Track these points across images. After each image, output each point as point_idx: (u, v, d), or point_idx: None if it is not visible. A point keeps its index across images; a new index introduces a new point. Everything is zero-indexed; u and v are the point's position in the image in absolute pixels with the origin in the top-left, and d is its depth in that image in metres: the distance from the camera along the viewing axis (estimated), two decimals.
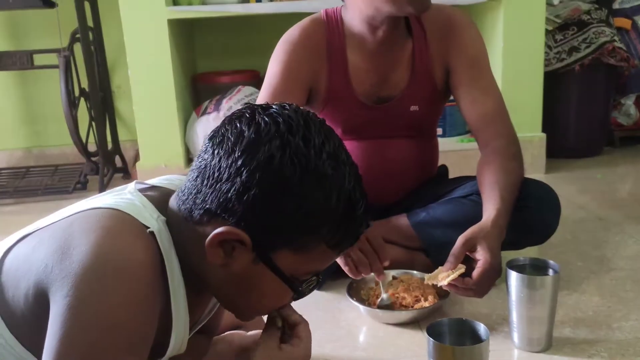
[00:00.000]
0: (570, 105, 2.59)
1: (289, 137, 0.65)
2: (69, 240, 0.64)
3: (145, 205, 0.71)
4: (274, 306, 0.76)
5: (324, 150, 0.66)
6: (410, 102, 1.45)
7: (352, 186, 0.68)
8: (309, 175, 0.65)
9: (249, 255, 0.68)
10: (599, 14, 2.53)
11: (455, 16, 1.43)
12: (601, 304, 1.31)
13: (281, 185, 0.65)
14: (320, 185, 0.65)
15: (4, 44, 2.65)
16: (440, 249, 1.28)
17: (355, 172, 0.70)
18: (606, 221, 1.86)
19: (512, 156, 1.34)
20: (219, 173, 0.66)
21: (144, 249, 0.66)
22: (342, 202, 0.67)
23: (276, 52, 1.41)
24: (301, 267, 0.70)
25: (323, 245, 0.68)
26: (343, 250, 0.72)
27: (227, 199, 0.65)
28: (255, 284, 0.70)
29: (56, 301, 0.61)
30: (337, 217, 0.67)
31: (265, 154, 0.65)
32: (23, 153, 2.85)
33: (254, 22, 2.61)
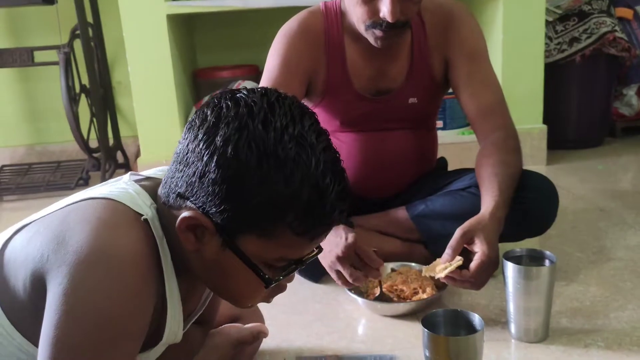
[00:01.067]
0: (572, 97, 2.58)
1: (247, 120, 0.64)
2: (64, 230, 0.65)
3: (139, 193, 0.72)
4: (253, 295, 0.74)
5: (286, 133, 0.64)
6: (408, 95, 1.45)
7: (321, 171, 0.64)
8: (267, 158, 0.63)
9: (216, 240, 0.67)
10: (600, 4, 2.52)
11: (454, 8, 1.43)
12: (599, 294, 1.31)
13: (238, 169, 0.63)
14: (280, 170, 0.63)
15: (4, 41, 2.66)
16: (439, 241, 1.28)
17: (328, 157, 0.66)
18: (606, 212, 1.86)
19: (510, 149, 1.34)
20: (186, 157, 0.67)
21: (139, 240, 0.66)
22: (307, 188, 0.63)
23: (275, 45, 1.41)
24: (269, 253, 0.68)
25: (289, 233, 0.65)
26: (315, 237, 0.68)
27: (191, 182, 0.66)
28: (228, 271, 0.69)
29: (52, 289, 0.62)
30: (301, 203, 0.64)
31: (222, 137, 0.64)
32: (25, 150, 2.86)
33: (253, 17, 2.61)
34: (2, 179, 2.60)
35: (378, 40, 1.29)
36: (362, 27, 1.30)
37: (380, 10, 1.23)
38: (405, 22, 1.27)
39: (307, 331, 1.24)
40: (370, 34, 1.30)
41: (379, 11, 1.24)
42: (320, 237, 0.70)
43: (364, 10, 1.26)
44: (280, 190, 0.63)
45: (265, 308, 1.16)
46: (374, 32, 1.28)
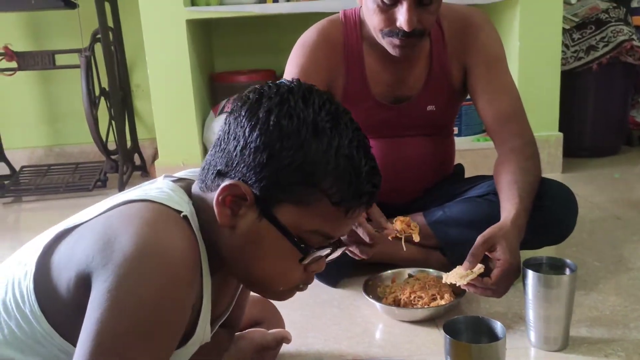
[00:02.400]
0: (588, 104, 2.57)
1: (288, 96, 0.69)
2: (109, 231, 0.66)
3: (175, 191, 0.74)
4: (286, 274, 0.74)
5: (323, 109, 0.69)
6: (427, 102, 1.45)
7: (355, 146, 0.69)
8: (306, 127, 0.68)
9: (253, 212, 0.69)
10: (617, 12, 2.51)
11: (472, 16, 1.43)
12: (618, 304, 1.31)
13: (279, 136, 0.67)
14: (318, 139, 0.67)
15: (26, 45, 2.70)
16: (456, 247, 1.28)
17: (360, 137, 0.71)
18: (624, 220, 1.85)
19: (529, 156, 1.34)
20: (228, 136, 0.71)
21: (183, 237, 0.68)
22: (342, 158, 0.68)
23: (293, 54, 1.42)
24: (305, 223, 0.69)
25: (326, 201, 0.68)
26: (349, 210, 0.70)
27: (232, 157, 0.69)
28: (263, 244, 0.70)
29: (96, 287, 0.63)
30: (337, 171, 0.68)
31: (264, 110, 0.69)
32: (44, 151, 2.90)
33: (270, 22, 2.63)
34: (22, 179, 2.64)
35: (396, 48, 1.30)
36: (379, 35, 1.31)
37: (397, 19, 1.24)
38: (423, 31, 1.28)
39: (325, 335, 1.25)
40: (387, 42, 1.31)
41: (395, 20, 1.25)
42: (354, 212, 0.72)
43: (380, 19, 1.27)
44: (317, 157, 0.67)
45: (284, 312, 1.17)
46: (392, 41, 1.29)
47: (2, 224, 2.25)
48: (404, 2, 1.22)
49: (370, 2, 1.27)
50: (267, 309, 1.12)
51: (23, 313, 0.70)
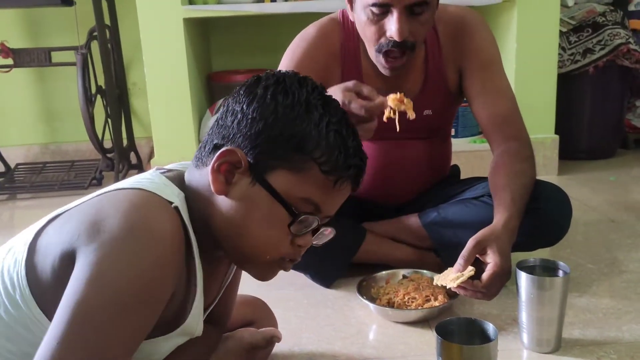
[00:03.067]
0: (584, 107, 2.58)
1: (284, 78, 0.76)
2: (97, 212, 0.68)
3: (166, 183, 0.75)
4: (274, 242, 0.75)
5: (316, 91, 0.76)
6: (423, 107, 1.45)
7: (343, 123, 0.76)
8: (300, 103, 0.74)
9: (247, 178, 0.73)
10: (614, 15, 2.52)
11: (467, 17, 1.43)
12: (611, 306, 1.31)
13: (274, 109, 0.73)
14: (310, 114, 0.74)
15: (22, 42, 2.69)
16: (451, 249, 1.28)
17: (346, 119, 0.77)
18: (618, 223, 1.86)
19: (524, 158, 1.34)
20: (225, 114, 0.76)
21: (171, 221, 0.69)
22: (332, 132, 0.73)
23: (290, 48, 1.42)
24: (297, 189, 0.73)
25: (316, 169, 0.73)
26: (338, 181, 0.75)
27: (228, 130, 0.75)
28: (254, 210, 0.73)
29: (80, 261, 0.64)
30: (327, 142, 0.73)
31: (262, 87, 0.75)
32: (40, 149, 2.89)
33: (268, 22, 2.63)
34: (17, 177, 2.63)
35: (386, 69, 1.30)
36: (373, 51, 1.30)
37: (388, 29, 1.24)
38: (414, 43, 1.27)
39: (318, 336, 1.24)
40: (378, 63, 1.31)
41: (386, 31, 1.24)
42: (342, 184, 0.76)
43: (372, 31, 1.26)
44: (309, 128, 0.73)
45: (277, 312, 1.17)
46: (382, 62, 1.29)
47: None
48: (394, 11, 1.21)
49: (361, 15, 1.26)
50: (260, 309, 1.12)
51: (12, 299, 0.70)
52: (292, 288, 1.46)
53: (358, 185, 0.79)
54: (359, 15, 1.28)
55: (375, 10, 1.22)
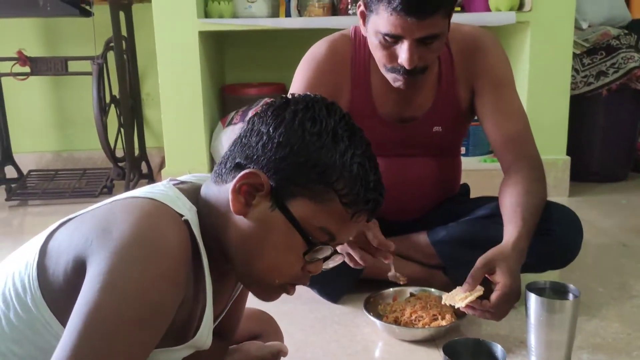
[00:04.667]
0: (596, 129, 2.56)
1: (313, 104, 0.75)
2: (109, 219, 0.68)
3: (178, 196, 0.76)
4: (286, 267, 0.76)
5: (343, 121, 0.75)
6: (433, 123, 1.45)
7: (367, 157, 0.75)
8: (327, 132, 0.73)
9: (266, 202, 0.73)
10: (628, 39, 2.52)
11: (481, 37, 1.43)
12: (621, 331, 1.30)
13: (301, 137, 0.72)
14: (336, 144, 0.73)
15: (40, 50, 2.73)
16: (459, 268, 1.28)
17: (370, 154, 0.77)
18: (630, 247, 1.84)
19: (535, 179, 1.34)
20: (250, 133, 0.76)
21: (180, 233, 0.70)
22: (356, 164, 0.73)
23: (301, 66, 1.43)
24: (315, 218, 0.73)
25: (337, 200, 0.73)
26: (355, 214, 0.74)
27: (253, 151, 0.74)
28: (270, 234, 0.73)
29: (90, 270, 0.65)
30: (350, 175, 0.73)
31: (290, 111, 0.74)
32: (53, 156, 2.92)
33: (282, 36, 2.65)
34: (29, 183, 2.65)
35: (398, 82, 1.31)
36: (383, 69, 1.32)
37: (398, 56, 1.25)
38: (424, 67, 1.28)
39: (324, 351, 1.24)
40: (390, 77, 1.32)
41: (397, 57, 1.25)
42: (359, 217, 0.75)
43: (383, 55, 1.27)
44: (334, 159, 0.73)
45: (283, 327, 1.17)
46: (394, 77, 1.30)
47: (7, 227, 2.27)
48: (405, 42, 1.22)
49: (373, 38, 1.27)
50: (266, 322, 1.12)
51: (23, 302, 0.71)
52: (299, 302, 1.45)
53: (373, 216, 0.79)
54: (370, 36, 1.29)
55: (387, 38, 1.24)
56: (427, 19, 1.18)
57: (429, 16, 1.18)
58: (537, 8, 2.26)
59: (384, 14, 1.20)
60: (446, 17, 1.24)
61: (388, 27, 1.21)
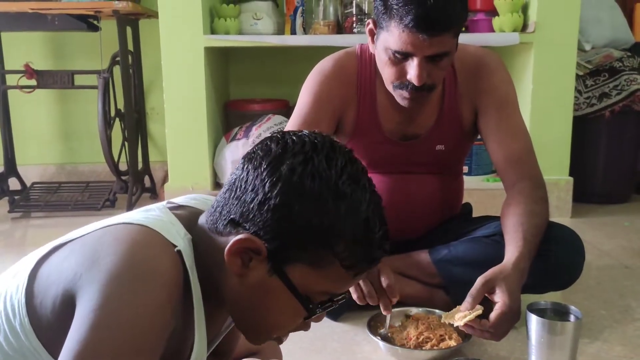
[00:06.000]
0: (599, 151, 2.57)
1: (312, 155, 0.69)
2: (98, 250, 0.67)
3: (173, 223, 0.73)
4: (285, 326, 0.75)
5: (345, 171, 0.69)
6: (436, 142, 1.46)
7: (372, 210, 0.70)
8: (328, 191, 0.68)
9: (264, 266, 0.70)
10: (631, 61, 2.53)
11: (485, 57, 1.45)
12: (623, 354, 1.28)
13: (300, 197, 0.67)
14: (337, 202, 0.68)
15: (46, 63, 2.75)
16: (460, 287, 1.27)
17: (376, 200, 0.71)
18: (632, 270, 1.83)
19: (537, 199, 1.34)
20: (245, 185, 0.70)
21: (170, 262, 0.68)
22: (359, 222, 0.68)
23: (308, 82, 1.44)
24: (315, 284, 0.70)
25: (337, 264, 0.69)
26: (358, 273, 0.71)
27: (249, 209, 0.69)
28: (269, 298, 0.71)
29: (80, 306, 0.64)
30: (353, 236, 0.68)
31: (288, 166, 0.68)
32: (56, 168, 2.93)
33: (287, 53, 2.67)
34: (32, 195, 2.66)
35: (405, 100, 1.32)
36: (390, 86, 1.33)
37: (407, 72, 1.26)
38: (432, 85, 1.29)
39: None
40: (397, 94, 1.33)
41: (406, 73, 1.27)
42: (362, 275, 0.72)
43: (392, 72, 1.29)
44: (335, 220, 0.67)
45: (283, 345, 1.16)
46: (402, 93, 1.31)
47: (9, 239, 2.27)
48: (414, 58, 1.23)
49: (382, 54, 1.29)
50: None
51: (12, 327, 0.69)
52: None
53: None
54: (379, 53, 1.30)
55: (397, 55, 1.25)
56: (438, 36, 1.20)
57: (440, 34, 1.20)
58: (541, 29, 2.27)
59: (395, 30, 1.22)
60: (455, 36, 1.25)
61: (399, 43, 1.22)
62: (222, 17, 2.37)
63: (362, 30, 2.37)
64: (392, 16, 1.21)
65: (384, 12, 1.24)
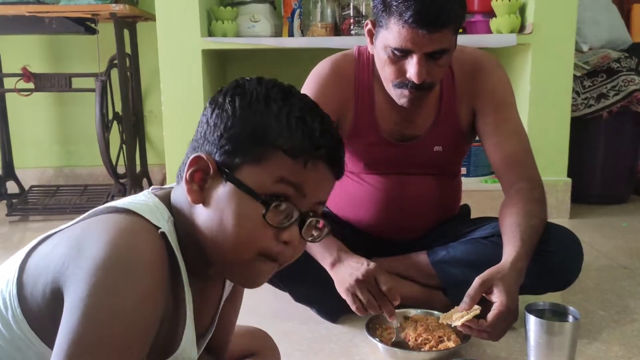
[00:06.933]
0: (597, 152, 2.57)
1: (244, 82, 0.77)
2: (84, 239, 0.68)
3: (157, 206, 0.75)
4: (257, 233, 0.73)
5: (275, 87, 0.76)
6: (434, 143, 1.46)
7: (308, 110, 0.75)
8: (259, 100, 0.74)
9: (218, 181, 0.73)
10: (629, 62, 2.54)
11: (483, 60, 1.45)
12: (622, 355, 1.28)
13: (233, 111, 0.73)
14: (269, 106, 0.74)
15: (44, 66, 2.76)
16: (459, 288, 1.27)
17: (312, 106, 0.76)
18: (631, 270, 1.83)
19: (535, 199, 1.34)
20: (196, 131, 0.78)
21: (156, 248, 0.69)
22: (294, 119, 0.73)
23: (306, 85, 1.45)
24: (265, 177, 0.72)
25: (281, 154, 0.72)
26: (308, 162, 0.72)
27: (198, 142, 0.76)
28: (228, 208, 0.72)
29: (69, 296, 0.65)
30: (289, 129, 0.72)
31: (222, 94, 0.76)
32: (54, 172, 2.93)
33: (284, 56, 2.67)
34: (30, 199, 2.66)
35: (404, 99, 1.32)
36: (390, 85, 1.33)
37: (407, 70, 1.26)
38: (432, 83, 1.29)
39: None
40: (396, 94, 1.33)
41: (406, 71, 1.27)
42: (315, 165, 0.73)
43: (391, 70, 1.29)
44: (269, 121, 0.73)
45: (281, 346, 1.16)
46: (402, 92, 1.31)
47: (7, 242, 2.26)
48: (414, 55, 1.24)
49: (382, 53, 1.29)
50: (262, 340, 1.11)
51: (5, 319, 0.70)
52: (297, 321, 1.44)
53: (338, 169, 0.77)
54: (379, 52, 1.30)
55: (397, 52, 1.25)
56: (437, 32, 1.20)
57: (439, 30, 1.20)
58: (538, 30, 2.28)
59: (394, 27, 1.22)
60: (454, 33, 1.26)
61: (399, 40, 1.22)
62: (219, 20, 2.37)
63: (360, 32, 2.37)
64: (392, 13, 1.22)
65: (383, 10, 1.24)
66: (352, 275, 1.23)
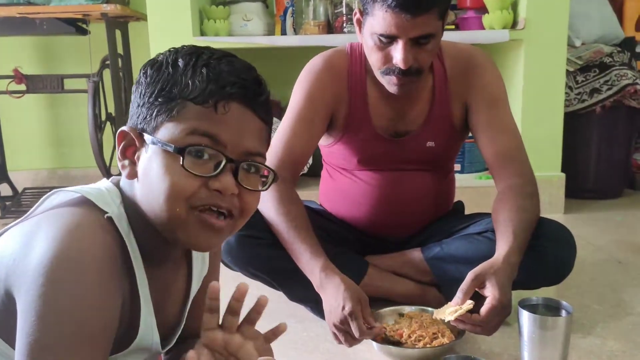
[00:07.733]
0: (591, 146, 2.58)
1: (159, 55, 0.78)
2: (33, 239, 0.68)
3: (109, 190, 0.76)
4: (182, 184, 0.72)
5: (183, 49, 0.77)
6: (426, 138, 1.46)
7: (213, 60, 0.75)
8: (167, 65, 0.75)
9: (141, 149, 0.75)
10: (622, 56, 2.54)
11: (475, 55, 1.45)
12: (617, 349, 1.28)
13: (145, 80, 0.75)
14: (176, 67, 0.74)
15: (36, 68, 2.74)
16: (453, 284, 1.27)
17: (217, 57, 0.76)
18: (625, 264, 1.83)
19: (527, 195, 1.34)
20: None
21: (102, 240, 0.69)
22: (199, 69, 0.73)
23: (300, 80, 1.45)
24: (179, 130, 0.72)
25: (190, 104, 0.73)
26: (217, 103, 0.73)
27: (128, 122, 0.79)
28: (153, 169, 0.73)
29: (20, 297, 0.66)
30: (194, 80, 0.73)
31: (139, 73, 0.78)
32: (48, 173, 2.92)
33: (277, 54, 2.67)
34: (23, 201, 2.64)
35: (394, 86, 1.32)
36: (378, 73, 1.33)
37: (393, 57, 1.26)
38: (419, 69, 1.29)
39: None
40: (386, 81, 1.33)
41: (392, 58, 1.27)
42: (225, 107, 0.73)
43: (378, 57, 1.29)
44: (176, 78, 0.73)
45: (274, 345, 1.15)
46: (390, 79, 1.31)
47: None
48: (399, 41, 1.24)
49: (369, 40, 1.29)
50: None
51: None
52: (292, 320, 1.44)
53: (258, 106, 0.77)
54: (366, 39, 1.31)
55: (382, 38, 1.25)
56: (421, 16, 1.20)
57: (423, 13, 1.20)
58: (531, 26, 2.28)
59: (379, 13, 1.22)
60: (440, 18, 1.25)
61: (383, 26, 1.23)
62: (211, 19, 2.36)
63: (353, 30, 2.36)
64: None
65: None
66: (330, 315, 1.23)
